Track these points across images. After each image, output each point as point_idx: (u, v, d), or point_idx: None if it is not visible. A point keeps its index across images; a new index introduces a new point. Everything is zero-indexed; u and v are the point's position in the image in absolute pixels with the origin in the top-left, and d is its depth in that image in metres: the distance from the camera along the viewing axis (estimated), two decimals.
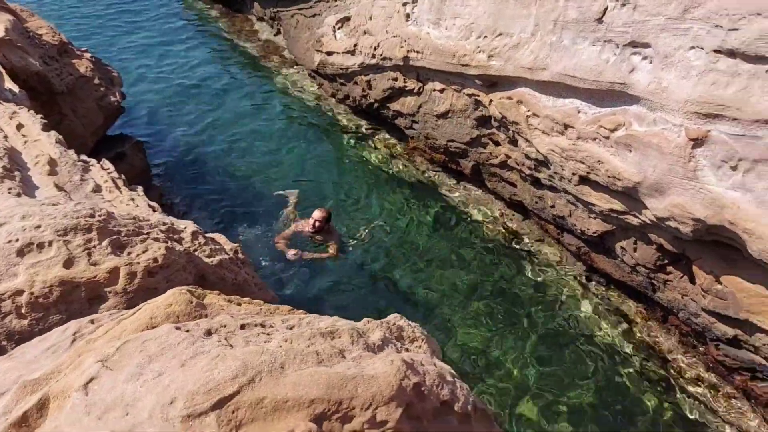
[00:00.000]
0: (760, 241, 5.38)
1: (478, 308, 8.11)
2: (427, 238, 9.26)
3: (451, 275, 8.61)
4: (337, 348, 1.70)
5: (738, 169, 5.59)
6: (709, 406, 7.01)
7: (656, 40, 6.18)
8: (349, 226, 9.39)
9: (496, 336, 7.71)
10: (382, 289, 8.31)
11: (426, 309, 8.04)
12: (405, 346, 2.07)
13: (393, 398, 1.56)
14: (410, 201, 10.02)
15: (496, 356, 7.45)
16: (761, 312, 6.04)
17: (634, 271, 7.72)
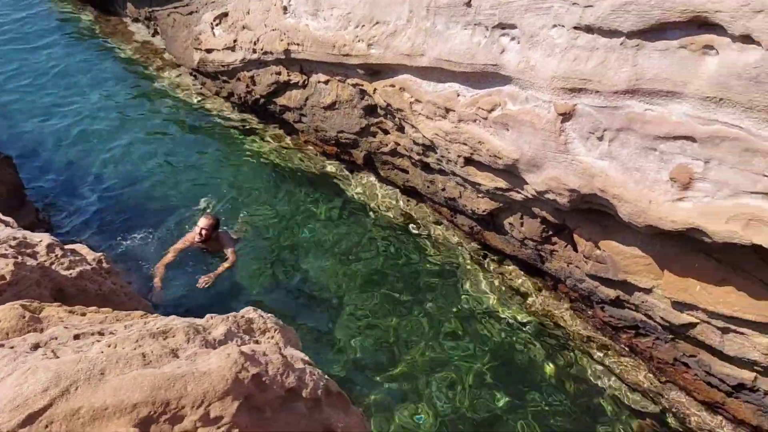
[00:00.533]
0: (627, 205, 5.71)
1: (381, 295, 8.15)
2: (326, 231, 9.20)
3: (352, 265, 8.61)
4: (170, 348, 1.62)
5: (604, 139, 5.89)
6: (603, 364, 7.41)
7: (521, 20, 6.39)
8: (245, 225, 9.18)
9: (401, 321, 7.79)
10: (283, 287, 8.19)
11: (329, 302, 8.00)
12: (255, 338, 2.02)
13: (228, 392, 1.50)
14: (306, 195, 9.92)
15: (405, 339, 7.54)
16: (637, 272, 6.43)
17: (523, 244, 8.01)
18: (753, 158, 4.77)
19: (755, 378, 6.03)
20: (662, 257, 6.14)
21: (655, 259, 6.22)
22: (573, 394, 7.07)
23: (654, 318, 6.56)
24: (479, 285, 8.42)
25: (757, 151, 4.73)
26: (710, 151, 5.02)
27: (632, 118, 5.53)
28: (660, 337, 6.80)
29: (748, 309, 5.59)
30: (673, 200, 5.38)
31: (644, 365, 7.37)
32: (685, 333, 6.35)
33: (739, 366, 6.11)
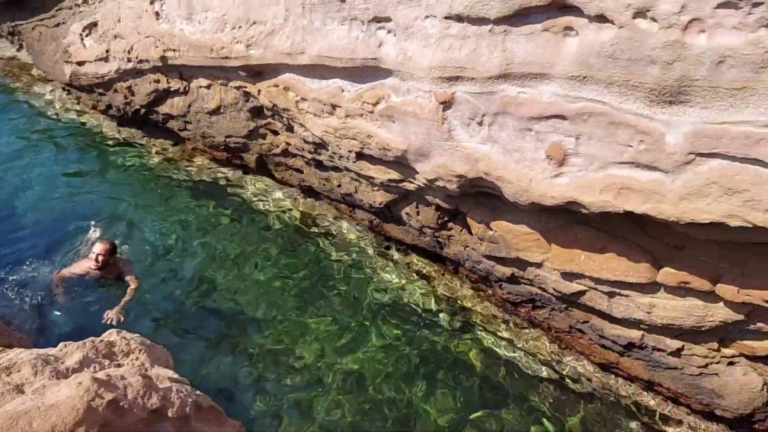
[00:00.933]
0: (511, 186, 5.92)
1: (286, 297, 8.05)
2: (224, 239, 8.97)
3: (254, 270, 8.45)
4: (14, 384, 1.51)
5: (483, 124, 6.07)
6: (507, 339, 7.67)
7: (395, 13, 6.46)
8: (141, 245, 8.77)
9: (310, 320, 7.72)
10: (183, 301, 7.90)
11: (233, 310, 7.80)
12: (117, 361, 1.92)
13: (80, 423, 1.41)
14: (200, 205, 9.62)
15: (315, 337, 7.48)
16: (527, 248, 6.69)
17: (422, 233, 8.15)
18: (617, 131, 5.06)
19: (642, 336, 6.45)
20: (548, 232, 6.43)
21: (542, 235, 6.50)
22: (482, 372, 7.27)
23: (547, 290, 6.86)
24: (384, 276, 8.50)
25: (620, 124, 5.02)
26: (579, 128, 5.28)
27: (507, 102, 5.73)
28: (555, 307, 7.12)
29: (629, 272, 5.96)
30: (551, 177, 5.63)
31: (544, 335, 7.71)
32: (576, 301, 6.69)
33: (627, 326, 6.51)
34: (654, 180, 5.00)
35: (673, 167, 4.83)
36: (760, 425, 6.36)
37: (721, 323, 5.81)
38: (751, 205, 4.49)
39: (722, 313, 5.76)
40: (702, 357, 6.27)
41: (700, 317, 5.87)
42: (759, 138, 4.28)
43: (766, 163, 4.32)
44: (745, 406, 6.15)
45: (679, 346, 6.31)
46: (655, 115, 4.83)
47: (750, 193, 4.45)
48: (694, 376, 6.38)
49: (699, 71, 4.43)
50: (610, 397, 7.01)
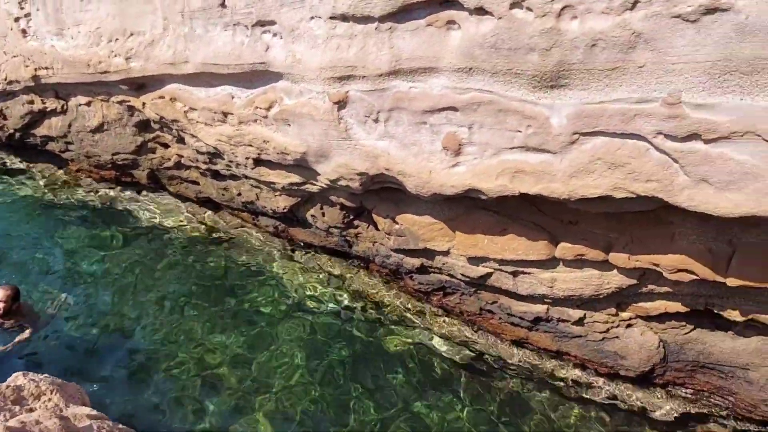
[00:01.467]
0: (412, 179, 6.03)
1: (197, 314, 7.78)
2: (124, 263, 8.53)
3: (158, 288, 8.10)
4: None
5: (379, 121, 6.14)
6: (423, 328, 7.80)
7: (279, 16, 6.39)
8: (34, 281, 8.14)
9: (224, 335, 7.50)
10: (95, 337, 7.43)
11: (141, 332, 7.45)
12: (28, 405, 1.79)
13: None
14: (93, 230, 9.10)
15: (235, 351, 7.27)
16: (433, 238, 6.85)
17: (329, 233, 8.14)
18: (506, 118, 5.27)
19: (547, 309, 6.78)
20: (451, 220, 6.61)
21: (446, 223, 6.67)
22: (406, 364, 7.36)
23: (456, 276, 7.06)
24: (295, 281, 8.41)
25: (508, 111, 5.23)
26: (471, 117, 5.46)
27: (400, 97, 5.82)
28: (464, 292, 7.34)
29: (529, 251, 6.24)
30: (449, 167, 5.78)
31: (457, 320, 7.91)
32: (483, 283, 6.92)
33: (532, 302, 6.82)
34: (544, 161, 5.25)
35: (560, 148, 5.09)
36: (660, 379, 6.86)
37: (617, 289, 6.20)
38: (633, 177, 4.82)
39: (617, 279, 6.15)
40: (603, 323, 6.67)
41: (598, 286, 6.25)
42: (634, 114, 4.59)
43: (642, 137, 4.64)
44: (645, 363, 6.60)
45: (581, 315, 6.69)
46: (538, 100, 5.07)
47: (631, 166, 4.77)
48: (598, 341, 6.78)
49: (575, 55, 4.69)
50: (524, 370, 7.31)
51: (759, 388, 6.20)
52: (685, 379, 6.74)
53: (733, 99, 4.17)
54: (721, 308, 5.95)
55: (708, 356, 6.37)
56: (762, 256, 5.17)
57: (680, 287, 5.93)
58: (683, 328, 6.41)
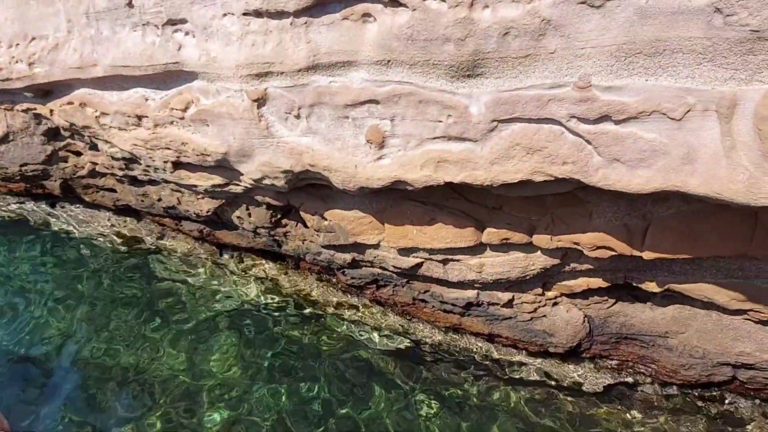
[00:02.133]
0: (338, 174, 6.01)
1: (124, 328, 7.50)
2: (39, 279, 8.10)
3: (80, 305, 7.75)
4: None
5: (301, 117, 6.07)
6: (358, 322, 7.80)
7: (191, 13, 6.20)
8: None
9: (153, 349, 7.27)
10: (17, 361, 7.02)
11: (66, 352, 7.10)
12: None
13: None
14: (4, 248, 8.58)
15: (163, 364, 7.05)
16: (363, 232, 6.85)
17: (257, 234, 8.00)
18: (427, 108, 5.33)
19: (477, 294, 6.92)
20: (380, 213, 6.63)
21: (375, 217, 6.69)
22: (341, 358, 7.35)
23: (387, 268, 7.10)
24: (224, 286, 8.23)
25: (428, 102, 5.28)
26: (392, 109, 5.48)
27: (321, 92, 5.77)
28: (397, 283, 7.40)
29: (457, 238, 6.35)
30: (374, 160, 5.79)
31: (391, 312, 7.96)
32: (415, 274, 7.00)
33: (463, 288, 6.95)
34: (466, 150, 5.34)
35: (480, 136, 5.20)
36: (587, 353, 7.15)
37: (542, 269, 6.41)
38: (550, 160, 4.98)
39: (541, 260, 6.35)
40: (530, 303, 6.88)
41: (524, 267, 6.43)
42: (548, 99, 4.74)
43: (557, 121, 4.80)
44: (572, 339, 6.86)
45: (510, 298, 6.87)
46: (457, 89, 5.15)
47: (548, 150, 4.93)
48: (527, 321, 6.99)
49: (489, 44, 4.79)
50: (459, 356, 7.45)
51: (678, 354, 6.57)
52: (610, 350, 7.05)
53: (639, 80, 4.38)
54: (639, 281, 6.26)
55: (630, 327, 6.69)
56: (674, 228, 5.46)
57: (600, 263, 6.19)
58: (605, 303, 6.70)
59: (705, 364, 6.46)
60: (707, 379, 6.61)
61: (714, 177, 4.30)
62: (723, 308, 6.00)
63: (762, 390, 6.56)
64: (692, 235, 5.40)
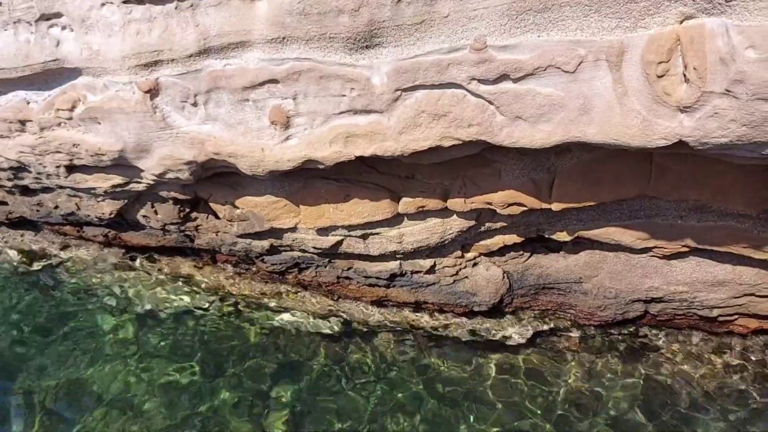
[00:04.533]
0: (244, 160, 5.83)
1: (31, 349, 7.04)
2: None
3: None
4: None
5: (198, 104, 5.83)
6: (283, 309, 7.68)
7: (65, 6, 5.78)
8: None
9: (65, 366, 6.88)
10: None
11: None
12: None
13: None
14: None
15: (83, 383, 6.71)
16: (278, 216, 6.72)
17: (166, 231, 7.68)
18: (329, 83, 5.24)
19: (400, 265, 6.98)
20: (293, 195, 6.52)
21: (288, 199, 6.57)
22: (271, 349, 7.23)
23: (307, 250, 7.02)
24: (138, 290, 7.87)
25: (329, 77, 5.20)
26: (294, 88, 5.36)
27: (216, 77, 5.55)
28: (319, 264, 7.33)
29: (374, 212, 6.35)
30: (281, 142, 5.66)
31: (317, 294, 7.89)
32: (336, 252, 6.96)
33: (386, 261, 6.98)
34: (373, 122, 5.31)
35: (386, 106, 5.18)
36: (509, 308, 7.40)
37: (459, 232, 6.54)
38: (456, 124, 5.03)
39: (458, 224, 6.47)
40: (452, 267, 7.01)
41: (442, 233, 6.53)
42: (447, 63, 4.77)
43: (458, 85, 4.85)
44: (494, 296, 7.07)
45: (432, 264, 6.97)
46: (357, 61, 5.10)
47: (453, 114, 4.98)
48: (450, 284, 7.13)
49: (383, 13, 4.74)
50: (388, 327, 7.51)
51: (593, 297, 6.91)
52: (530, 302, 7.33)
53: (532, 37, 4.48)
54: (550, 232, 6.51)
55: (546, 278, 6.96)
56: (578, 178, 5.69)
57: (513, 220, 6.38)
58: (522, 257, 6.93)
59: (618, 303, 6.83)
60: (622, 317, 7.01)
61: (610, 124, 4.49)
62: (630, 248, 6.34)
63: (671, 320, 7.03)
64: (595, 182, 5.64)
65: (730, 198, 5.45)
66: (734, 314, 6.65)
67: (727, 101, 3.91)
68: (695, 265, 6.29)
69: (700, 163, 5.28)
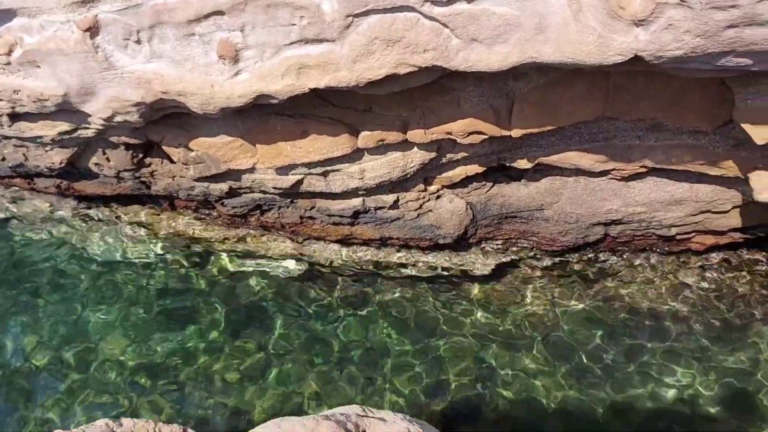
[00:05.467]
0: (194, 98, 5.63)
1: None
2: None
3: None
4: None
5: (142, 41, 5.56)
6: (248, 253, 7.59)
7: None
8: None
9: (34, 322, 6.76)
10: None
11: None
12: None
13: None
14: None
15: (50, 337, 6.61)
16: (235, 157, 6.56)
17: (120, 179, 7.46)
18: (277, 12, 5.02)
19: (363, 201, 6.92)
20: (248, 134, 6.35)
21: (244, 139, 6.41)
22: (237, 294, 7.18)
23: (268, 191, 6.90)
24: (96, 241, 7.67)
25: (277, 5, 4.97)
26: (240, 19, 5.12)
27: (158, 11, 5.27)
28: (281, 205, 7.23)
29: (333, 147, 6.24)
30: (231, 77, 5.46)
31: (281, 235, 7.80)
32: (297, 191, 6.86)
33: (348, 198, 6.92)
34: (325, 51, 5.14)
35: (338, 34, 5.00)
36: (473, 239, 7.45)
37: (421, 165, 6.48)
38: (411, 50, 4.90)
39: (419, 156, 6.41)
40: (415, 201, 6.99)
41: (403, 166, 6.47)
42: None
43: (411, 8, 4.68)
44: (458, 228, 7.09)
45: (395, 199, 6.93)
46: None
47: (407, 39, 4.84)
48: (414, 219, 7.12)
49: None
50: (355, 266, 7.51)
51: (554, 223, 6.98)
52: (494, 232, 7.38)
53: None
54: (511, 160, 6.50)
55: (509, 207, 7.00)
56: (536, 102, 5.65)
57: (474, 149, 6.34)
58: (484, 187, 6.93)
59: (579, 227, 6.92)
60: (583, 241, 7.12)
61: (566, 42, 4.42)
62: (589, 172, 6.39)
63: (630, 242, 7.17)
64: (553, 105, 5.61)
65: (686, 115, 5.48)
66: (691, 232, 6.81)
67: (681, 12, 3.87)
68: (653, 185, 6.37)
69: (656, 80, 5.27)
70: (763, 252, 7.22)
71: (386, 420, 2.80)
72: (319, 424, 2.57)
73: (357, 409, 2.94)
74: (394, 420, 2.81)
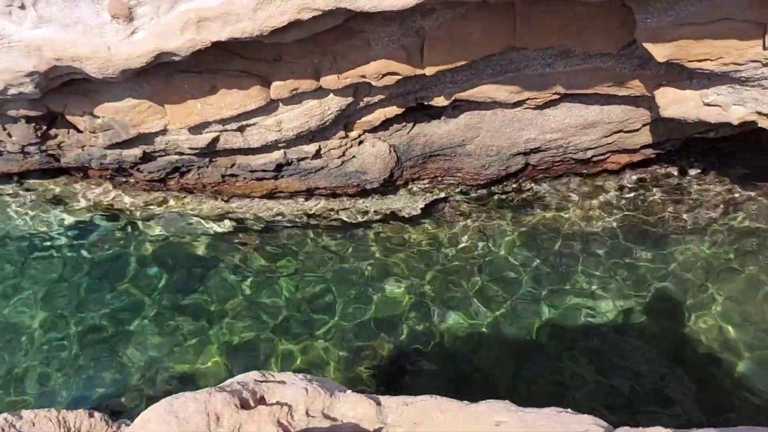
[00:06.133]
0: (91, 62, 5.31)
1: None
2: None
3: None
4: None
5: (27, 6, 5.18)
6: (174, 215, 7.39)
7: None
8: None
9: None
10: None
11: None
12: None
13: None
14: None
15: None
16: (144, 120, 6.30)
17: (26, 154, 7.06)
18: None
19: (284, 153, 6.81)
20: (156, 95, 6.09)
21: (151, 100, 6.14)
22: (167, 258, 7.03)
23: (184, 152, 6.70)
24: (9, 220, 7.31)
25: None
26: None
27: None
28: (200, 165, 7.04)
29: (246, 101, 6.06)
30: (127, 37, 5.17)
31: (204, 196, 7.62)
32: (215, 150, 6.67)
33: (269, 151, 6.79)
34: (224, 2, 4.91)
35: None
36: (400, 180, 7.49)
37: (339, 111, 6.39)
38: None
39: (335, 102, 6.30)
40: (337, 148, 6.93)
41: (321, 114, 6.36)
42: None
43: None
44: (383, 171, 7.10)
45: (317, 148, 6.85)
46: None
47: None
48: (339, 167, 7.08)
49: None
50: (283, 220, 7.44)
51: (476, 158, 7.09)
52: (419, 172, 7.44)
53: None
54: (429, 99, 6.49)
55: (431, 145, 7.04)
56: (446, 38, 5.61)
57: (390, 91, 6.29)
58: (405, 129, 6.93)
59: (500, 159, 7.06)
60: (505, 172, 7.27)
61: None
62: (504, 104, 6.46)
63: (550, 168, 7.37)
64: (463, 40, 5.59)
65: (591, 39, 5.56)
66: (606, 153, 7.05)
67: None
68: (566, 111, 6.52)
69: (561, 8, 5.31)
70: (674, 166, 7.56)
71: (285, 382, 2.85)
72: (212, 396, 2.61)
73: (256, 375, 2.99)
74: (294, 381, 2.87)
